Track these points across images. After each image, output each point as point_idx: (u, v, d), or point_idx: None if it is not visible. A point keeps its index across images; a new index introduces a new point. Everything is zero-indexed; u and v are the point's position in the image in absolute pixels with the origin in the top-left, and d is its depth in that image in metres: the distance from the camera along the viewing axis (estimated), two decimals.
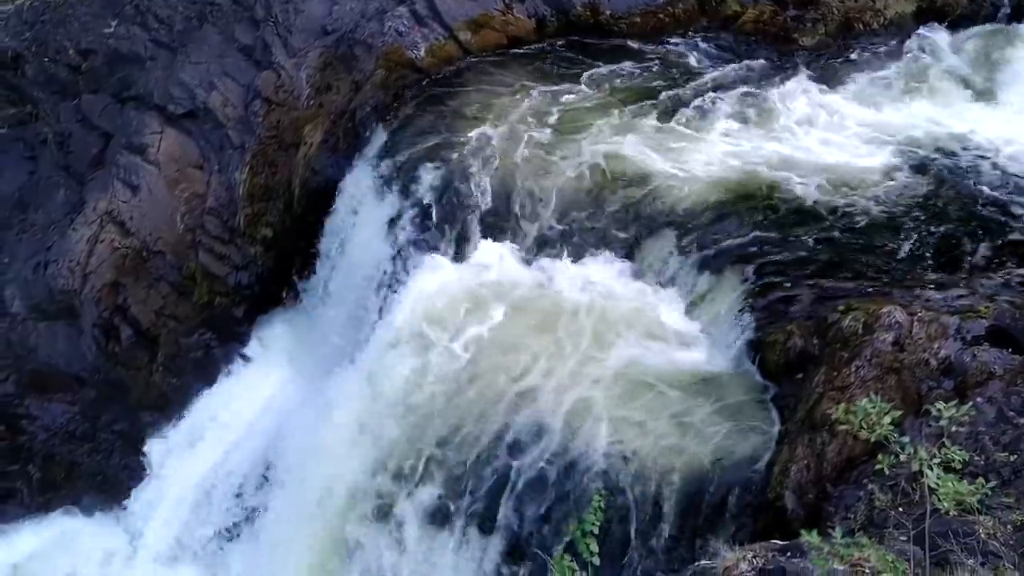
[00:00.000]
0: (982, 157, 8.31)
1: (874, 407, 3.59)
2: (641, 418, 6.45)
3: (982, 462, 4.80)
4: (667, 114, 9.20)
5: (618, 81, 9.86)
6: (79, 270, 10.52)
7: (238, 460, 9.96)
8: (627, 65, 10.14)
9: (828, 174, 8.20)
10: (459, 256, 8.27)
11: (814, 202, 7.83)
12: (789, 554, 3.85)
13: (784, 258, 7.23)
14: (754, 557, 3.92)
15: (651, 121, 9.11)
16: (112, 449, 10.81)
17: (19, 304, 10.86)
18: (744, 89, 9.52)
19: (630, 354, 6.94)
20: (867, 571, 3.54)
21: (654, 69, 10.11)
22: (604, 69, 10.06)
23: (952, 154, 8.38)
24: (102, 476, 10.82)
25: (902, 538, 4.09)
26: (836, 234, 7.46)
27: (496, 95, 9.68)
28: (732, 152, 8.60)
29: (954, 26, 10.48)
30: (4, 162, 11.51)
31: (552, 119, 9.22)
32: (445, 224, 8.47)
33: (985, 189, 7.91)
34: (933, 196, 7.85)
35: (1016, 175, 8.09)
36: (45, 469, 10.88)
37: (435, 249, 8.35)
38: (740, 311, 6.89)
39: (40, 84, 11.62)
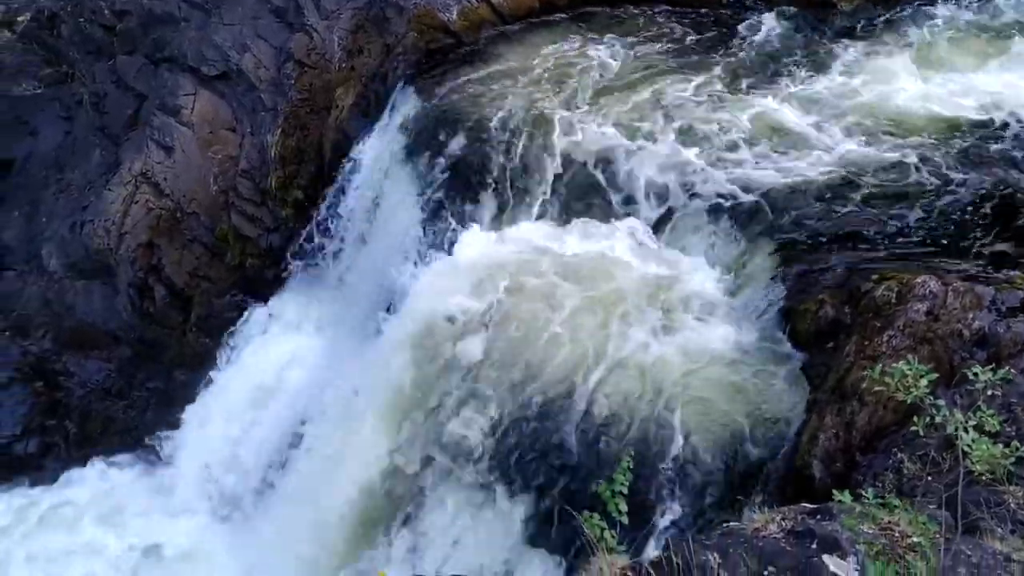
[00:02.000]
0: None
1: (911, 369, 3.59)
2: (670, 384, 6.47)
3: (1014, 432, 4.77)
4: (704, 80, 9.09)
5: (659, 45, 9.75)
6: (115, 230, 10.68)
7: (268, 417, 10.11)
8: (667, 29, 10.03)
9: (869, 140, 8.08)
10: (487, 224, 8.28)
11: (851, 169, 7.73)
12: (819, 516, 3.85)
13: (818, 226, 7.17)
14: (783, 519, 3.92)
15: (690, 87, 9.00)
16: (147, 406, 11.04)
17: (56, 263, 11.05)
18: (786, 53, 9.38)
19: (660, 321, 6.93)
20: (897, 534, 3.55)
21: (695, 33, 9.99)
22: (644, 34, 9.96)
23: (1004, 122, 8.20)
24: (137, 432, 11.06)
25: (932, 505, 4.08)
26: (874, 201, 7.37)
27: (529, 60, 9.61)
28: (771, 116, 8.50)
29: None
30: (41, 122, 11.65)
31: (586, 85, 9.15)
32: (473, 192, 8.46)
33: None
34: (979, 164, 7.70)
35: None
36: (82, 424, 11.13)
37: (463, 216, 8.35)
38: (772, 279, 6.85)
39: (76, 44, 11.71)
